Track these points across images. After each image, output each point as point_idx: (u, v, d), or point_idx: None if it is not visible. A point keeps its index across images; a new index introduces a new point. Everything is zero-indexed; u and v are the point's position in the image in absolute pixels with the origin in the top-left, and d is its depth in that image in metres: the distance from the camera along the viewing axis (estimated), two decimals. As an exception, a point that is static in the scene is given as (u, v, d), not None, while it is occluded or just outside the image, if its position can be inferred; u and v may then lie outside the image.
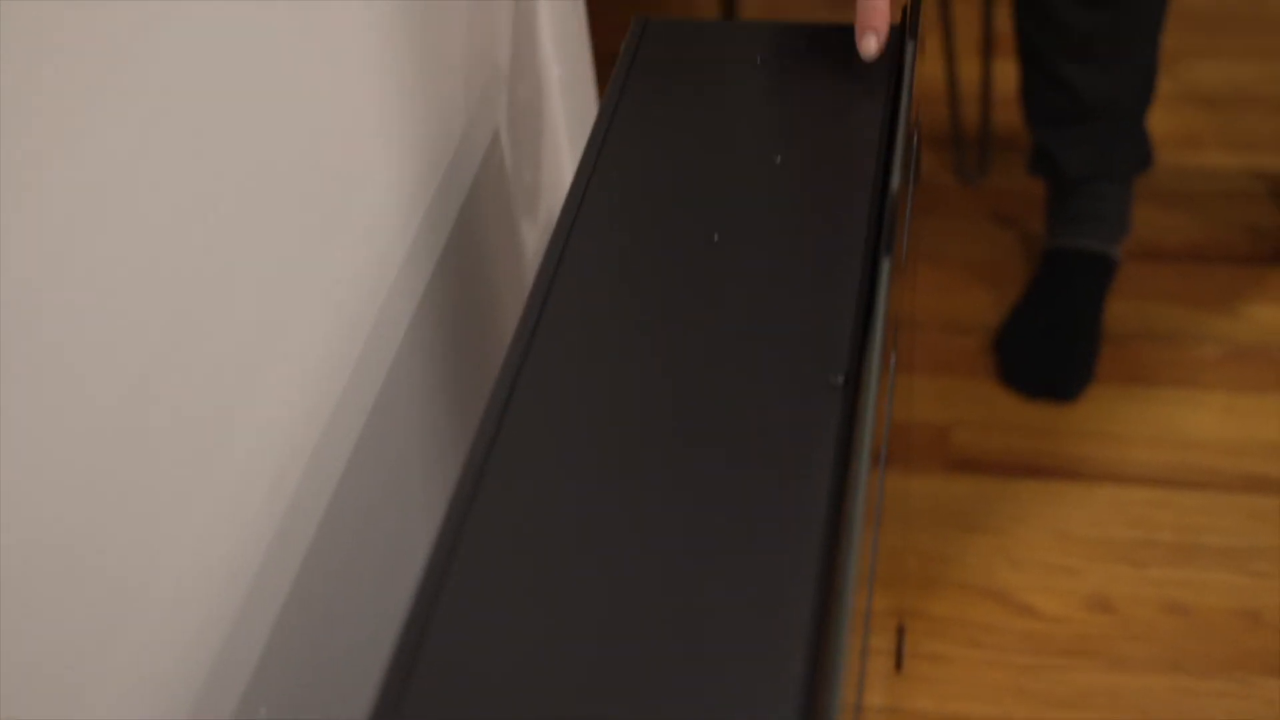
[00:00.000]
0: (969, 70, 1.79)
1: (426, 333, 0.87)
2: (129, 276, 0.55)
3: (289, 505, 0.70)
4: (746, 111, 0.82)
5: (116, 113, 0.54)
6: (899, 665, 1.15)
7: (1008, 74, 1.61)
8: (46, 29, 0.49)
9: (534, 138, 1.09)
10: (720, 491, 0.60)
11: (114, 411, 0.55)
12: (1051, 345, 1.52)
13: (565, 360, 0.67)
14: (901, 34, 0.84)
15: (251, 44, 0.64)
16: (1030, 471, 1.43)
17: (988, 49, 1.75)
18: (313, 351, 0.73)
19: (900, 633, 1.16)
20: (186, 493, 0.61)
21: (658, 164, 0.77)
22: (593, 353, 0.67)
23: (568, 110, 1.17)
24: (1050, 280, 1.56)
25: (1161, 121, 1.73)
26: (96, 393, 0.53)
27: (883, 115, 0.79)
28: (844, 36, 0.86)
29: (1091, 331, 1.52)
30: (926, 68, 1.79)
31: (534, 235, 1.09)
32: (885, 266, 0.68)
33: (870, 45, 0.81)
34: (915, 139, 0.88)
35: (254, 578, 0.67)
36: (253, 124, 0.65)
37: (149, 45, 0.56)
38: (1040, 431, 1.47)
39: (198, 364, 0.61)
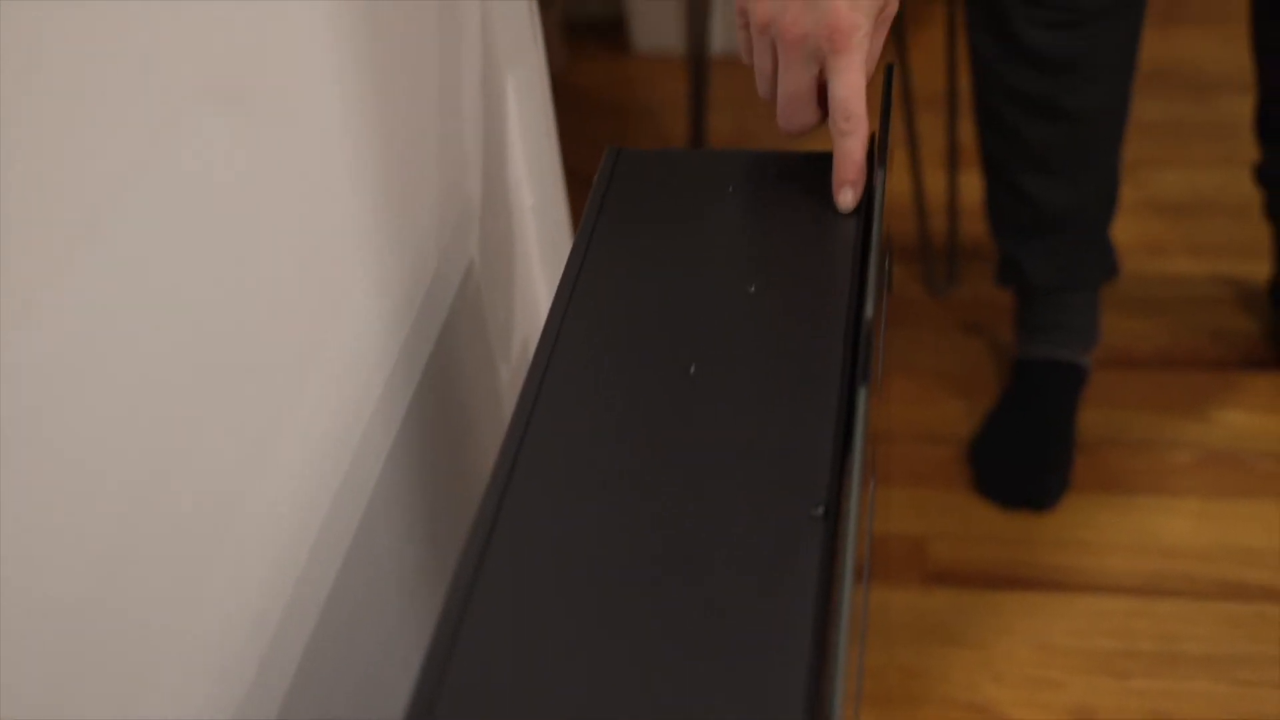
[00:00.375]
0: (936, 182, 1.82)
1: (403, 468, 0.87)
2: (103, 422, 0.55)
3: (268, 646, 0.70)
4: (720, 240, 0.83)
5: (102, 256, 0.54)
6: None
7: (975, 185, 1.64)
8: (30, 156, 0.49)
9: (508, 267, 1.10)
10: (703, 624, 0.60)
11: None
12: (1026, 455, 1.53)
13: (545, 494, 0.67)
14: (870, 160, 0.86)
15: (222, 182, 0.64)
16: (1009, 583, 1.43)
17: (953, 161, 1.77)
18: (288, 490, 0.72)
19: (885, 753, 1.15)
20: (164, 636, 0.60)
21: (633, 296, 0.78)
22: (572, 486, 0.67)
23: (541, 238, 1.18)
24: (1022, 391, 1.57)
25: (1126, 230, 1.76)
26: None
27: (855, 241, 0.80)
28: (814, 163, 0.87)
29: (1065, 440, 1.53)
30: (893, 180, 1.81)
31: (510, 367, 1.09)
32: (863, 396, 0.68)
33: (847, 198, 0.82)
34: (888, 262, 0.89)
35: (233, 724, 0.66)
36: (227, 261, 0.65)
37: (126, 199, 0.56)
38: (1017, 542, 1.47)
39: (172, 506, 0.61)
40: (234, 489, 0.66)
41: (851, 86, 0.80)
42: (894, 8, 0.82)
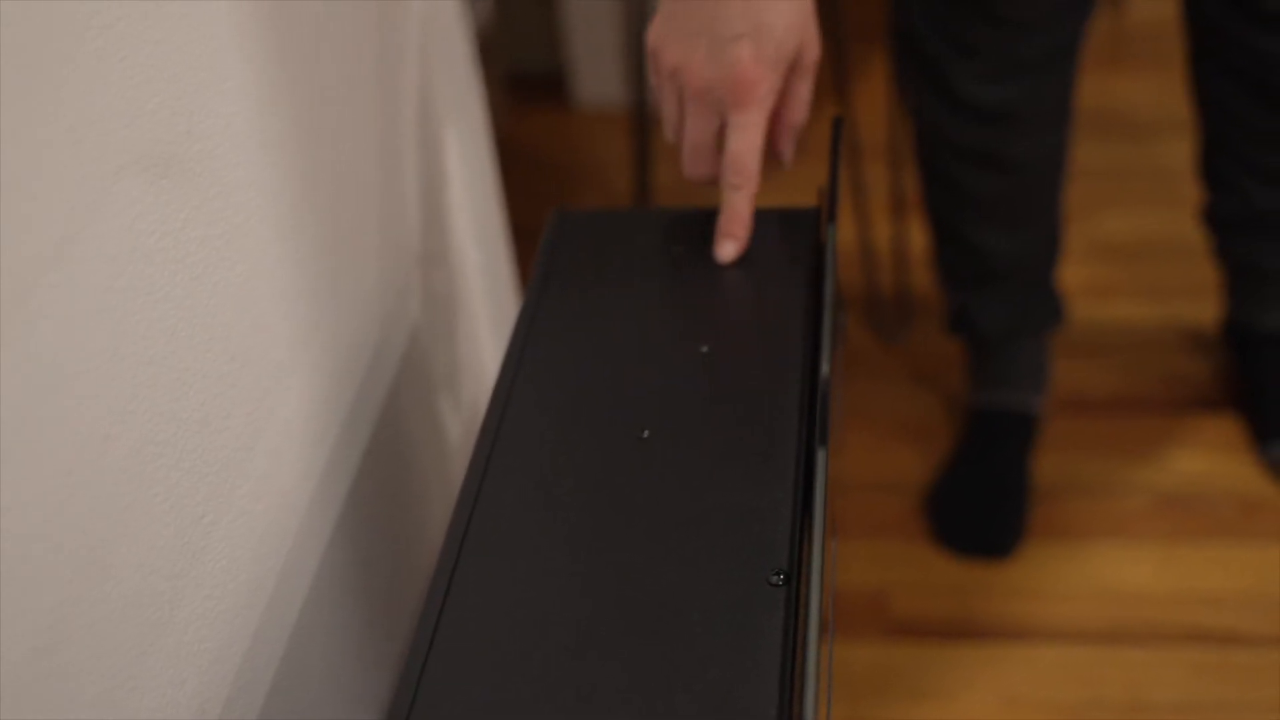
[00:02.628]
0: (883, 231, 1.82)
1: (352, 539, 0.85)
2: (32, 505, 0.52)
3: (211, 736, 0.67)
4: (670, 300, 0.81)
5: (31, 332, 0.51)
6: None
7: (922, 234, 1.64)
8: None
9: (454, 327, 1.08)
10: (666, 692, 0.58)
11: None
12: (982, 504, 1.52)
13: (498, 564, 0.65)
14: (819, 215, 0.85)
15: (154, 253, 0.62)
16: (972, 634, 1.41)
17: (900, 210, 1.77)
18: (231, 567, 0.70)
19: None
20: (101, 738, 0.57)
21: (583, 359, 0.76)
22: (526, 555, 0.65)
23: (487, 295, 1.16)
24: (975, 440, 1.56)
25: (1074, 275, 1.76)
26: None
27: (807, 299, 0.79)
28: (761, 219, 0.86)
29: (1020, 488, 1.52)
30: (841, 230, 1.81)
31: (459, 432, 1.07)
32: (822, 458, 0.67)
33: (727, 251, 0.81)
34: (842, 316, 0.87)
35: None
36: (160, 335, 0.63)
37: (55, 272, 0.54)
38: (978, 592, 1.45)
39: (115, 591, 0.58)
40: (176, 569, 0.63)
41: (746, 143, 0.79)
42: (813, 55, 0.81)
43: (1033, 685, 1.35)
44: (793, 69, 0.81)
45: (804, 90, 0.82)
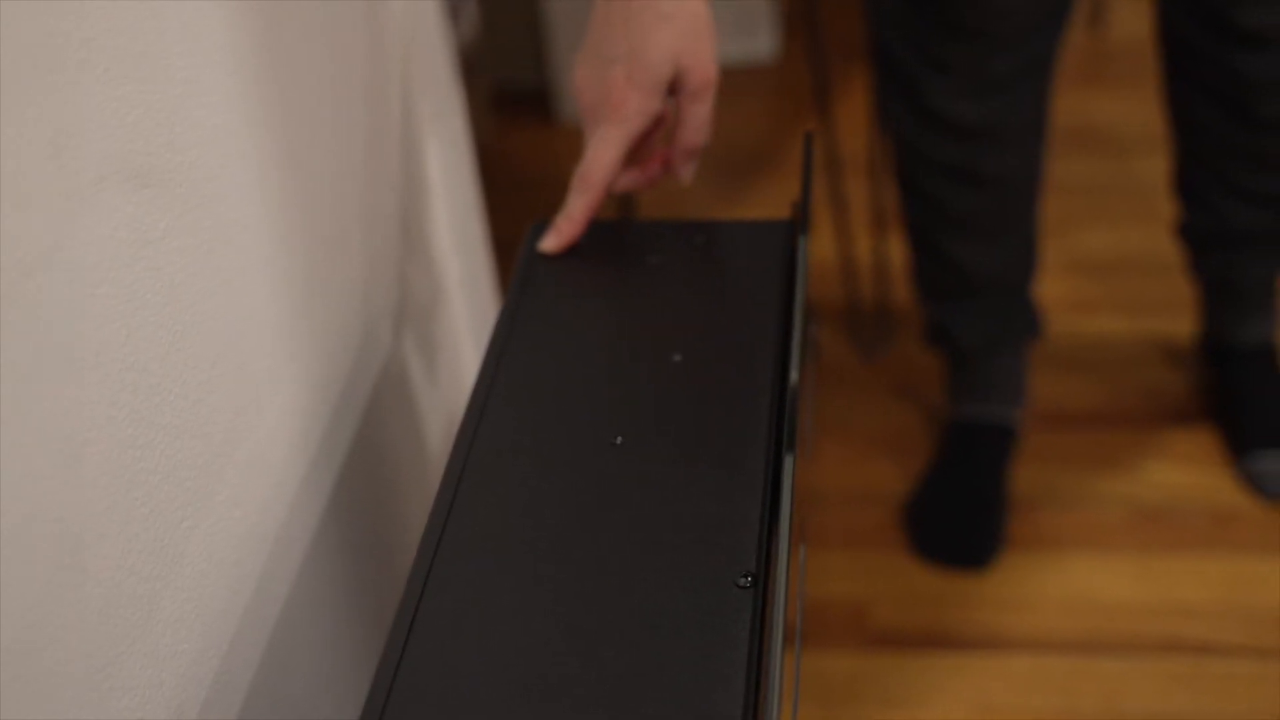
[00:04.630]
0: (864, 245, 1.83)
1: (331, 547, 0.86)
2: (17, 507, 0.54)
3: (189, 738, 0.68)
4: (645, 311, 0.82)
5: (8, 345, 0.53)
6: None
7: (902, 248, 1.65)
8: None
9: (435, 341, 1.10)
10: (633, 695, 0.59)
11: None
12: (960, 515, 1.53)
13: (471, 568, 0.66)
14: (792, 228, 0.86)
15: (133, 267, 0.63)
16: (949, 644, 1.42)
17: (880, 225, 1.79)
18: (210, 581, 0.71)
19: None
20: (79, 736, 0.58)
21: (558, 368, 0.78)
22: (499, 560, 0.66)
23: (468, 306, 1.17)
24: (954, 452, 1.58)
25: (1053, 290, 1.78)
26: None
27: (778, 309, 0.80)
28: (736, 232, 0.88)
29: (998, 499, 1.54)
30: (821, 245, 1.83)
31: (439, 440, 1.08)
32: (789, 465, 0.68)
33: (549, 243, 0.86)
34: (813, 328, 0.89)
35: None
36: (138, 346, 0.64)
37: (33, 285, 0.55)
38: (956, 602, 1.47)
39: (93, 593, 0.59)
40: (154, 571, 0.64)
41: (597, 154, 0.84)
42: (700, 78, 0.83)
43: (1009, 695, 1.37)
44: (683, 94, 0.84)
45: (698, 112, 0.85)
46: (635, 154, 0.87)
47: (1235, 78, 1.36)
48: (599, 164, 0.84)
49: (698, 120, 0.85)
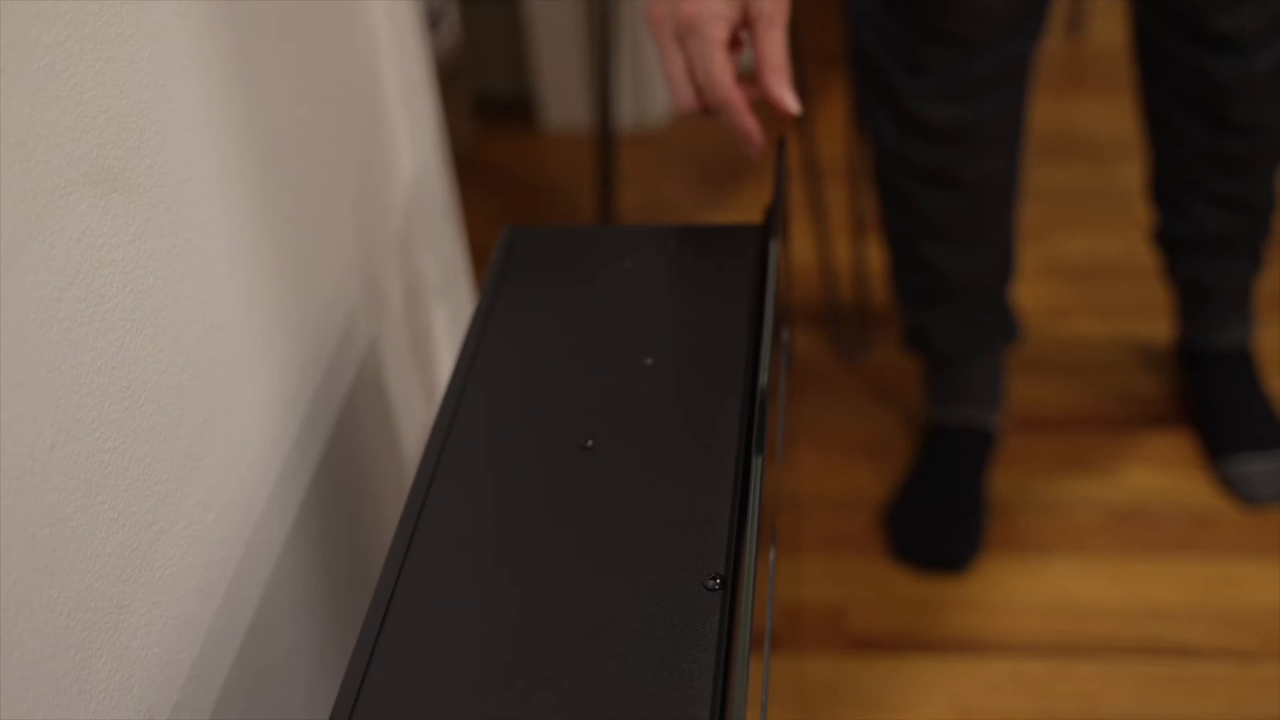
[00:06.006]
0: (845, 251, 1.84)
1: (303, 550, 0.86)
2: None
3: (160, 741, 0.68)
4: (617, 315, 0.83)
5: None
6: None
7: (881, 252, 1.66)
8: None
9: (410, 345, 1.10)
10: (602, 697, 0.59)
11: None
12: (939, 519, 1.54)
13: (442, 570, 0.66)
14: (765, 232, 0.87)
15: (102, 268, 0.64)
16: (927, 647, 1.43)
17: (858, 229, 1.80)
18: (180, 584, 0.71)
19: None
20: (47, 739, 0.58)
21: (530, 370, 0.78)
22: (470, 561, 0.66)
23: (444, 310, 1.17)
24: (932, 456, 1.58)
25: (1031, 295, 1.78)
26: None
27: (750, 312, 0.81)
28: (709, 236, 0.88)
29: (976, 503, 1.54)
30: (800, 249, 1.83)
31: (413, 441, 1.08)
32: (758, 466, 0.68)
33: (789, 105, 0.89)
34: (786, 331, 0.89)
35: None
36: (108, 348, 0.64)
37: (8, 276, 0.55)
38: (934, 606, 1.47)
39: (60, 595, 0.59)
40: (123, 574, 0.65)
41: (708, 71, 0.87)
42: (765, 5, 0.87)
43: (986, 698, 1.37)
44: (759, 23, 0.87)
45: (774, 38, 0.88)
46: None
47: (1208, 82, 1.37)
48: (710, 74, 0.87)
49: (774, 42, 0.88)
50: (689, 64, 0.88)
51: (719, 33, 0.86)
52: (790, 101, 0.89)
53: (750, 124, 0.89)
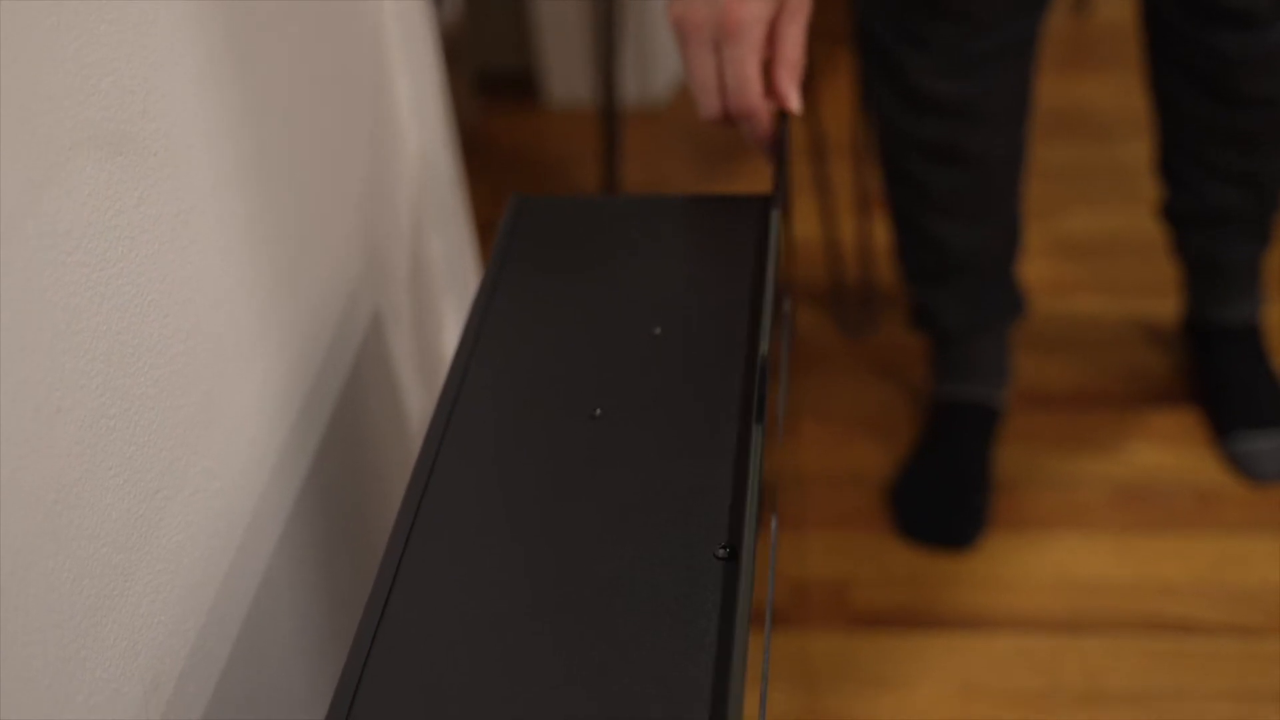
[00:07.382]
0: (851, 228, 1.83)
1: (310, 519, 0.86)
2: (-14, 484, 0.53)
3: (165, 709, 0.68)
4: (624, 285, 0.82)
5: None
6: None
7: (887, 229, 1.65)
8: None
9: (415, 317, 1.09)
10: (607, 666, 0.59)
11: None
12: (944, 495, 1.54)
13: (449, 539, 0.66)
14: (767, 203, 0.86)
15: (107, 234, 0.63)
16: (932, 623, 1.43)
17: (864, 206, 1.79)
18: (186, 552, 0.71)
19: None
20: (49, 702, 0.58)
21: (537, 340, 0.77)
22: (477, 531, 0.66)
23: (449, 283, 1.17)
24: (938, 432, 1.58)
25: (1037, 271, 1.78)
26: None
27: (755, 283, 0.80)
28: (716, 206, 0.88)
29: (982, 479, 1.54)
30: (806, 226, 1.83)
31: (418, 412, 1.08)
32: (758, 434, 0.68)
33: (791, 99, 0.88)
34: (787, 302, 0.89)
35: (128, 790, 0.64)
36: (111, 314, 0.64)
37: (4, 252, 0.55)
38: (939, 582, 1.47)
39: (66, 562, 0.59)
40: (129, 541, 0.64)
41: (740, 75, 0.85)
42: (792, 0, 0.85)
43: (991, 674, 1.37)
44: (783, 13, 0.86)
45: (794, 32, 0.86)
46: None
47: (1215, 57, 1.36)
48: (743, 81, 0.85)
49: (794, 38, 0.86)
50: (719, 69, 0.86)
51: (760, 36, 0.85)
52: (794, 100, 0.88)
53: (771, 132, 0.87)
